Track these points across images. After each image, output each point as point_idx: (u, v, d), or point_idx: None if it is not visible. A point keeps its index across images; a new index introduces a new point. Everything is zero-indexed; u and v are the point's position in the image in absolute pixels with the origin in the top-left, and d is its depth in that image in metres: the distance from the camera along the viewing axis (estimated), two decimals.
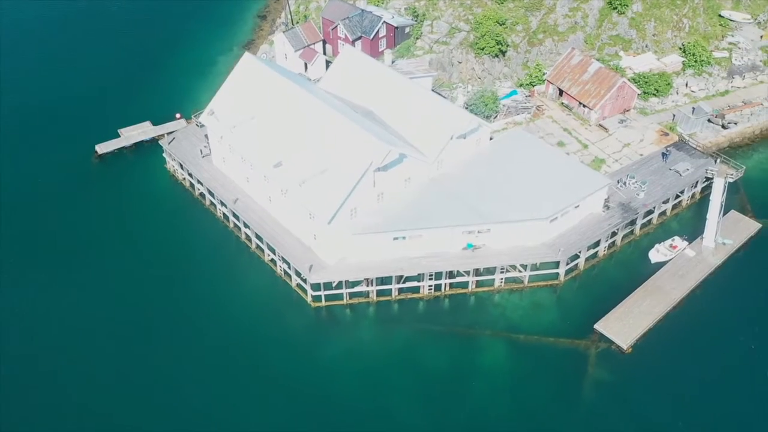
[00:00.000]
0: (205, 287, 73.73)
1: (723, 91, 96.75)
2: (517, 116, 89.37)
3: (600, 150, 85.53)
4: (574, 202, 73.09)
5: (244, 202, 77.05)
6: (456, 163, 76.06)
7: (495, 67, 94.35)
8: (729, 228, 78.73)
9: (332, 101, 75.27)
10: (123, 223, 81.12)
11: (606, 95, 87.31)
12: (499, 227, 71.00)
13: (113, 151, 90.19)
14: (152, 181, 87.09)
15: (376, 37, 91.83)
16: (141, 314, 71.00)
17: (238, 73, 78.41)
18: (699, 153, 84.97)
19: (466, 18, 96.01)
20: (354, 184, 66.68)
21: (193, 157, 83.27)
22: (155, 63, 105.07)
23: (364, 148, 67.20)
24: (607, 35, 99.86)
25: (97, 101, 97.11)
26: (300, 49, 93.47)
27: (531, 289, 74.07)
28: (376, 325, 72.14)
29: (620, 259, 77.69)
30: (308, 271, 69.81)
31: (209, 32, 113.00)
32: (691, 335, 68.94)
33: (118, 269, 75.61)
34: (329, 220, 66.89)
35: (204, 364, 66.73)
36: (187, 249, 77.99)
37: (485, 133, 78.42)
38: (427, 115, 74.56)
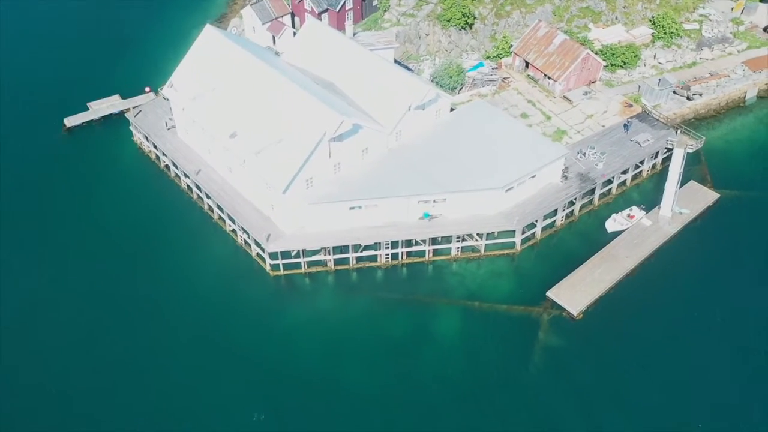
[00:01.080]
0: (168, 257, 74.86)
1: (691, 62, 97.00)
2: (482, 88, 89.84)
3: (563, 121, 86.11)
4: (530, 172, 73.88)
5: (207, 173, 77.99)
6: (415, 134, 76.77)
7: (462, 39, 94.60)
8: (687, 198, 79.55)
9: (292, 73, 75.85)
10: (90, 194, 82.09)
11: (570, 67, 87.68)
12: (455, 197, 71.92)
13: (82, 124, 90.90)
14: (119, 153, 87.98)
15: (343, 10, 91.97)
16: (106, 284, 72.15)
17: (199, 46, 78.93)
18: (661, 124, 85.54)
19: None
20: (308, 154, 67.51)
21: (158, 130, 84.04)
22: (127, 37, 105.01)
23: (318, 118, 67.93)
24: (576, 7, 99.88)
25: (67, 75, 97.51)
26: (268, 22, 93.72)
27: (488, 258, 75.15)
28: (334, 294, 73.35)
29: (578, 228, 78.67)
30: (266, 240, 70.92)
31: (182, 6, 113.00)
32: (641, 303, 70.09)
33: (85, 240, 76.69)
34: (284, 190, 67.82)
35: (165, 332, 67.95)
36: (152, 220, 78.97)
37: (445, 105, 79.00)
38: (385, 87, 75.13)
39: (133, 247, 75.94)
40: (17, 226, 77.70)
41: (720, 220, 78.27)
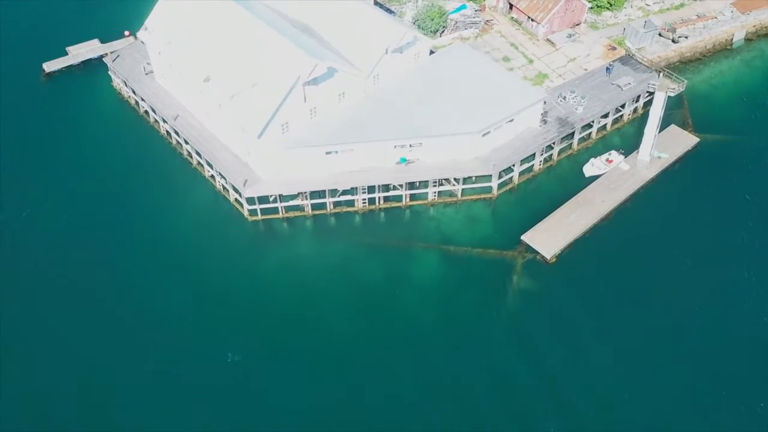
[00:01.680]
0: (147, 203, 75.33)
1: (678, 4, 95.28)
2: (465, 31, 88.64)
3: (545, 65, 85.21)
4: (508, 116, 73.57)
5: (185, 119, 77.79)
6: (393, 78, 76.19)
7: None
8: (667, 142, 79.39)
9: (268, 16, 74.74)
10: (69, 140, 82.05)
11: (553, 9, 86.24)
12: (431, 141, 71.86)
13: (61, 69, 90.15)
14: (99, 98, 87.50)
15: None
16: (85, 228, 72.84)
17: None
18: (644, 67, 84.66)
19: None
20: (282, 99, 67.22)
21: (136, 75, 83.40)
22: None
23: (291, 61, 67.36)
24: None
25: (45, 19, 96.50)
26: None
27: (465, 203, 75.58)
28: (311, 238, 74.11)
29: (556, 173, 78.80)
30: (243, 185, 71.26)
31: None
32: (615, 247, 70.73)
33: (64, 186, 77.07)
34: (259, 134, 67.82)
35: (142, 274, 68.91)
36: (132, 166, 79.06)
37: (424, 48, 78.09)
38: (361, 29, 74.21)
39: (112, 193, 76.31)
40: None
41: (698, 164, 78.30)
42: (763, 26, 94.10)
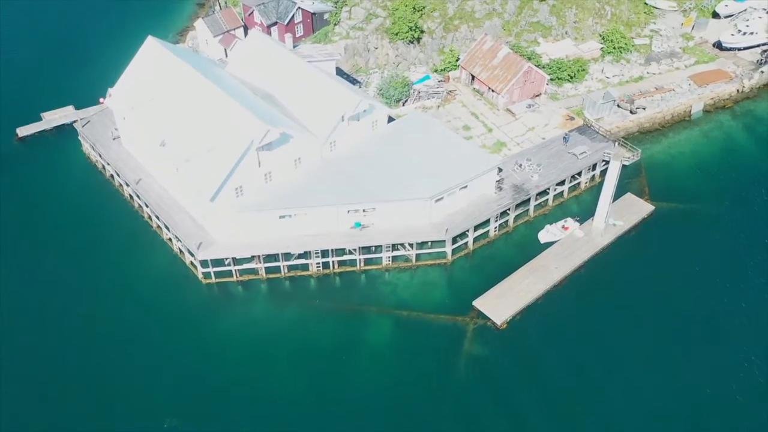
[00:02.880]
0: (105, 264, 75.86)
1: (638, 77, 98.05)
2: (427, 101, 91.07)
3: (504, 134, 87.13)
4: (461, 183, 74.80)
5: (147, 182, 79.18)
6: (350, 145, 77.92)
7: (410, 52, 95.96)
8: (622, 210, 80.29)
9: (229, 83, 77.22)
10: (36, 202, 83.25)
11: (512, 80, 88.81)
12: (384, 206, 72.87)
13: (34, 134, 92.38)
14: (68, 163, 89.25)
15: (292, 23, 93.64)
16: (43, 289, 73.14)
17: (141, 56, 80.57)
18: (600, 137, 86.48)
19: (384, 4, 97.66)
20: (235, 163, 68.68)
21: (104, 140, 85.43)
22: (89, 48, 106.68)
23: (245, 127, 69.17)
24: (526, 22, 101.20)
25: (22, 85, 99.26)
26: (219, 35, 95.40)
27: (420, 268, 75.88)
28: (266, 302, 74.08)
29: (512, 239, 79.38)
30: (197, 248, 71.90)
31: (147, 18, 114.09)
32: (566, 314, 70.62)
33: (28, 246, 77.88)
34: (212, 197, 68.96)
35: (93, 334, 68.90)
36: (94, 227, 79.97)
37: (382, 116, 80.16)
38: (319, 98, 76.47)
39: (73, 253, 76.98)
40: None
41: (652, 231, 78.91)
42: (720, 99, 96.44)
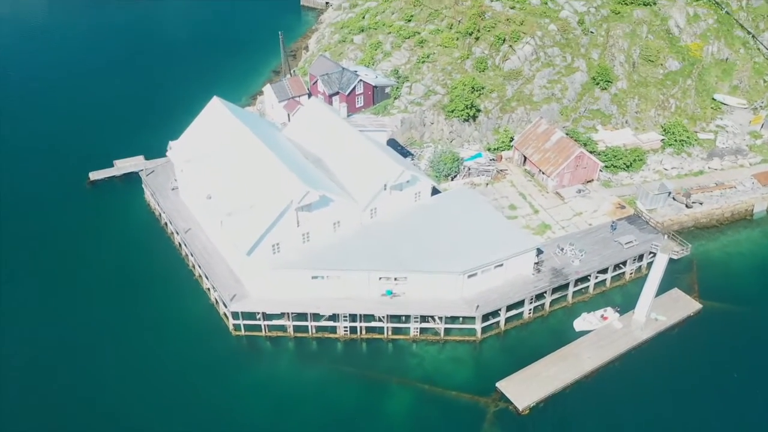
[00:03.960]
0: (146, 307, 78.56)
1: (698, 171, 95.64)
2: (477, 177, 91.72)
3: (550, 216, 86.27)
4: (497, 260, 74.15)
5: (194, 232, 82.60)
6: (391, 213, 79.05)
7: (465, 129, 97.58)
8: (667, 305, 77.16)
9: (280, 145, 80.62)
10: (95, 242, 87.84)
11: (563, 163, 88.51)
12: (416, 276, 72.94)
13: (105, 179, 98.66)
14: (130, 208, 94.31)
15: (353, 94, 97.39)
16: (84, 323, 76.33)
17: (205, 114, 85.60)
18: (650, 228, 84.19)
19: (444, 82, 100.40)
20: (274, 220, 70.89)
21: (163, 189, 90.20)
22: (169, 102, 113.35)
23: (286, 187, 71.62)
24: (585, 108, 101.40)
25: (101, 132, 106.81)
26: (284, 101, 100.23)
27: (448, 343, 74.79)
28: (291, 360, 74.49)
29: (546, 323, 77.29)
30: (230, 299, 73.78)
31: (226, 81, 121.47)
32: (594, 407, 67.58)
33: (79, 281, 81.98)
34: (248, 252, 71.11)
35: (125, 376, 70.90)
36: (142, 271, 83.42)
37: (426, 188, 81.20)
38: (364, 165, 78.52)
39: (118, 293, 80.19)
40: (30, 264, 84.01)
41: (697, 331, 75.18)
42: None
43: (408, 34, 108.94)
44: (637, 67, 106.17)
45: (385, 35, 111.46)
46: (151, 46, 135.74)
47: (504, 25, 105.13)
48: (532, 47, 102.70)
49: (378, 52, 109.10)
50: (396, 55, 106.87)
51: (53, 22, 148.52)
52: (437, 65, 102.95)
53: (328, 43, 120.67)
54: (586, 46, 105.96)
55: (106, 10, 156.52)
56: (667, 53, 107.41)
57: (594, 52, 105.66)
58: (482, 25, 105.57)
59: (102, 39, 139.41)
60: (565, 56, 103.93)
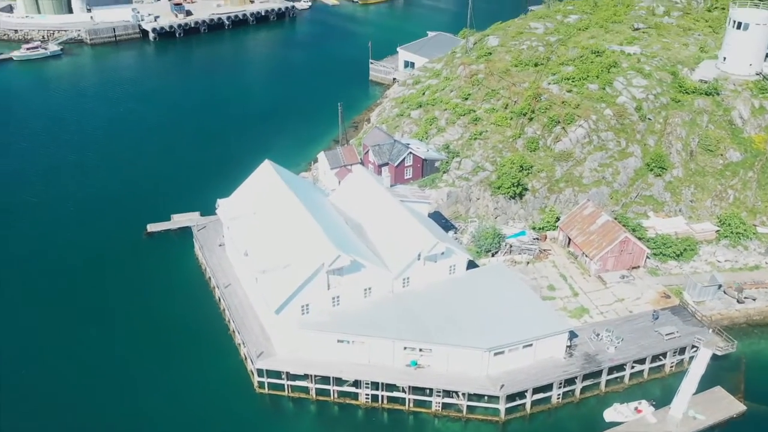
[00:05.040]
0: (178, 358, 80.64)
1: (754, 266, 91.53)
2: (518, 256, 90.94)
3: (589, 300, 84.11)
4: (525, 340, 72.58)
5: (233, 288, 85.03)
6: (424, 284, 79.13)
7: (510, 207, 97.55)
8: (707, 403, 72.96)
9: (322, 209, 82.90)
10: (143, 290, 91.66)
11: (607, 247, 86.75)
12: (441, 349, 72.17)
13: (161, 231, 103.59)
14: (181, 260, 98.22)
15: (402, 165, 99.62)
16: (120, 371, 78.72)
17: (255, 176, 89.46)
18: (695, 321, 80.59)
19: (493, 159, 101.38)
20: (304, 281, 72.29)
21: (211, 245, 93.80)
22: (234, 163, 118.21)
23: (319, 249, 73.24)
24: (638, 194, 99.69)
25: (162, 187, 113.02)
26: (336, 168, 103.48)
27: (470, 421, 72.91)
28: (311, 423, 74.34)
29: (576, 410, 74.31)
30: (256, 356, 74.89)
31: (289, 147, 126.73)
32: None
33: (124, 328, 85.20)
34: (277, 310, 72.49)
35: (153, 422, 72.66)
36: (180, 322, 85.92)
37: (461, 261, 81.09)
38: (400, 234, 79.46)
39: (154, 343, 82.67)
40: (80, 300, 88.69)
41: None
42: None
43: (463, 112, 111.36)
44: (695, 156, 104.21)
45: (441, 111, 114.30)
46: (225, 111, 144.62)
47: (559, 107, 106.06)
48: (586, 130, 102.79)
49: (432, 127, 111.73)
50: (450, 131, 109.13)
51: (139, 83, 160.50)
52: (489, 143, 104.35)
53: (387, 116, 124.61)
54: (643, 132, 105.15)
55: (189, 76, 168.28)
56: (728, 144, 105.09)
57: (650, 138, 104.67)
58: (537, 107, 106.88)
59: (182, 102, 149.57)
60: (620, 141, 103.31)
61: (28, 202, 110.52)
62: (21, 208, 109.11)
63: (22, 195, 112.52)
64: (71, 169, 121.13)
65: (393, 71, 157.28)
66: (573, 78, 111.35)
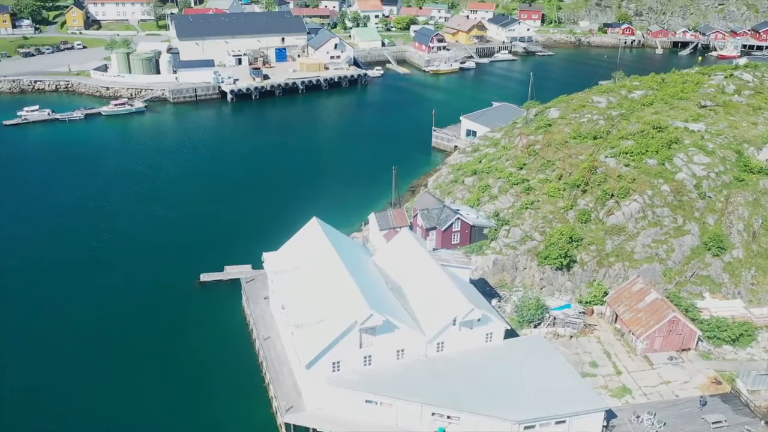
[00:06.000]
0: (213, 407, 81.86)
1: None
2: (561, 329, 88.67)
3: (633, 380, 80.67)
4: (558, 415, 70.11)
5: (272, 341, 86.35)
6: (458, 350, 78.15)
7: (557, 278, 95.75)
8: None
9: (362, 268, 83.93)
10: (190, 337, 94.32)
11: (654, 326, 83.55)
12: (469, 417, 70.52)
13: (213, 281, 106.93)
14: (228, 311, 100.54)
15: (449, 231, 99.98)
16: (156, 417, 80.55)
17: (302, 232, 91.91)
18: (747, 411, 75.80)
19: (543, 230, 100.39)
20: (337, 338, 72.81)
21: (257, 297, 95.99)
22: (291, 220, 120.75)
23: (353, 307, 73.87)
24: (693, 273, 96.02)
25: (219, 238, 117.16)
26: (385, 230, 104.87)
27: None
28: None
29: None
30: (285, 410, 75.21)
31: (345, 207, 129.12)
32: None
33: (163, 374, 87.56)
34: (308, 365, 73.02)
35: None
36: (219, 372, 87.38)
37: (498, 330, 79.81)
38: (437, 298, 79.28)
39: (191, 392, 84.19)
40: (127, 344, 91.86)
41: None
42: None
43: (517, 181, 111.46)
44: (757, 238, 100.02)
45: (495, 179, 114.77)
46: (289, 168, 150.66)
47: (614, 180, 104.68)
48: (640, 205, 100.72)
49: (485, 195, 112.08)
50: (501, 199, 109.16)
51: (213, 139, 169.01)
52: (539, 212, 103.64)
53: (442, 182, 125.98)
54: (702, 210, 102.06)
55: (260, 134, 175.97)
56: None
57: (710, 216, 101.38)
58: (592, 179, 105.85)
59: (250, 158, 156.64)
60: (676, 218, 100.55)
61: (93, 247, 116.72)
62: (85, 253, 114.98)
63: (90, 241, 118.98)
64: (139, 217, 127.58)
65: (455, 139, 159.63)
66: (631, 152, 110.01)
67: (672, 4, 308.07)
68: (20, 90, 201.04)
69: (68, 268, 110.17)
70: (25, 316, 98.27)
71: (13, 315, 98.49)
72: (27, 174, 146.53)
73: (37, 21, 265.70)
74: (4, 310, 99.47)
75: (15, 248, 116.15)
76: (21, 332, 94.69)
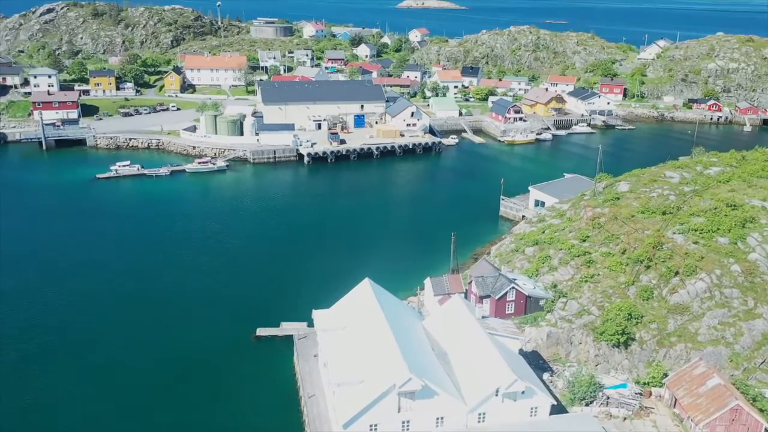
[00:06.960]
0: None
1: None
2: (615, 409, 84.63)
3: None
4: None
5: (317, 398, 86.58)
6: (500, 422, 75.88)
7: (614, 356, 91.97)
8: None
9: (408, 332, 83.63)
10: (238, 392, 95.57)
11: (715, 413, 78.47)
12: None
13: (269, 336, 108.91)
14: (280, 366, 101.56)
15: (503, 299, 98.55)
16: None
17: (354, 292, 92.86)
18: None
19: (601, 304, 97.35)
20: (375, 399, 72.40)
21: (308, 355, 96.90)
22: (348, 280, 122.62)
23: (393, 369, 73.49)
24: (764, 360, 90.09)
25: (279, 294, 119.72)
26: (440, 295, 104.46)
27: None
28: None
29: None
30: None
31: (406, 270, 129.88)
32: None
33: (213, 422, 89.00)
34: (345, 425, 72.66)
35: None
36: (263, 428, 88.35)
37: (544, 404, 77.12)
38: (481, 367, 77.75)
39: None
40: (182, 394, 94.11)
41: None
42: None
43: (578, 253, 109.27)
44: None
45: (556, 250, 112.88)
46: (356, 229, 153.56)
47: (680, 257, 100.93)
48: (707, 284, 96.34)
49: (545, 265, 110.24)
50: (561, 271, 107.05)
51: (286, 198, 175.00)
52: (599, 286, 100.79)
53: (504, 251, 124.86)
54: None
55: (332, 196, 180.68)
56: None
57: None
58: (656, 255, 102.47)
59: (318, 218, 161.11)
60: (746, 300, 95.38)
61: (153, 298, 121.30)
62: (145, 302, 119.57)
63: (152, 290, 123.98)
64: (205, 269, 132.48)
65: (523, 208, 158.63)
66: (702, 229, 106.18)
67: (762, 81, 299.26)
68: (116, 146, 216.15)
69: (141, 315, 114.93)
70: (90, 367, 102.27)
71: (83, 361, 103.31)
72: (104, 226, 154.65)
73: (139, 84, 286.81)
74: (74, 359, 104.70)
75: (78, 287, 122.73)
76: (86, 380, 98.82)
